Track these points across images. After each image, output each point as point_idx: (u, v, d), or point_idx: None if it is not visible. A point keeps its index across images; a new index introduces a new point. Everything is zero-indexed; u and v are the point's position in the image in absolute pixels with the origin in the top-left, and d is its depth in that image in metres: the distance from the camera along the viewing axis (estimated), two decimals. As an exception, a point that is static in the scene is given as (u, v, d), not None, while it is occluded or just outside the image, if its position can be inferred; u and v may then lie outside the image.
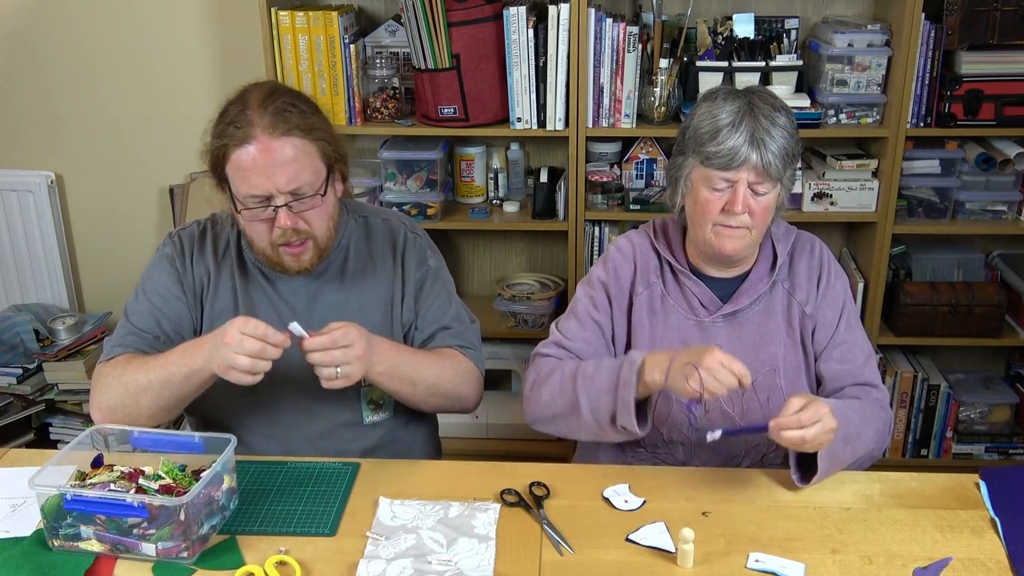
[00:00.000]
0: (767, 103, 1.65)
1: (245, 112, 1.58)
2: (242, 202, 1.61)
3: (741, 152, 1.60)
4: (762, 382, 1.75)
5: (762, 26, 2.76)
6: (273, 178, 1.57)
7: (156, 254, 1.80)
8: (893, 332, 2.83)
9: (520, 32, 2.60)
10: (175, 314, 1.75)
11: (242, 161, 1.57)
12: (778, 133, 1.62)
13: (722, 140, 1.61)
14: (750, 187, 1.63)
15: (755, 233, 1.69)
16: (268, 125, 1.57)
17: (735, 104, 1.64)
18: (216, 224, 1.82)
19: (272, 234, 1.63)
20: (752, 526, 1.50)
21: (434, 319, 1.81)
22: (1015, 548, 1.44)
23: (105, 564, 1.42)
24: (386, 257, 1.81)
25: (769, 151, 1.60)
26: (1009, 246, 2.97)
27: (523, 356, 3.00)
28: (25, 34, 3.06)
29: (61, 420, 3.01)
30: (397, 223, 1.85)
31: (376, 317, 1.78)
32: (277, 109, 1.58)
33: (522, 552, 1.44)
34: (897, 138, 2.62)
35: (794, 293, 1.79)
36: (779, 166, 1.62)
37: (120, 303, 3.24)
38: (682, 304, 1.79)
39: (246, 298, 1.76)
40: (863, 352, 1.79)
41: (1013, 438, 2.99)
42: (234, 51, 3.02)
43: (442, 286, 1.84)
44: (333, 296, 1.77)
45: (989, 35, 2.54)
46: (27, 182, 3.16)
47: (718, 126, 1.62)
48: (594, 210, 2.79)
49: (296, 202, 1.60)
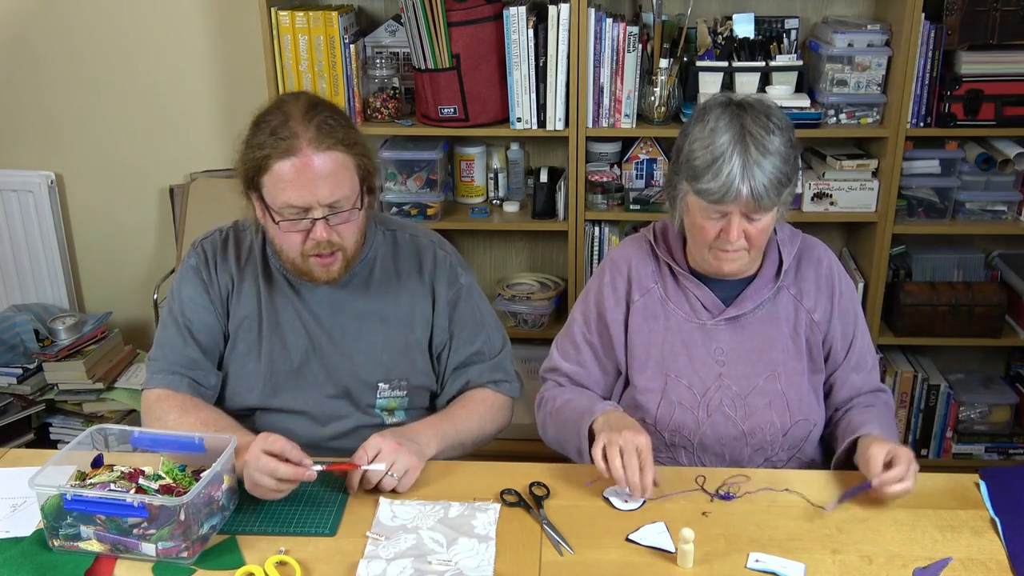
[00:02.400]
0: (760, 125, 1.59)
1: (288, 123, 1.58)
2: (278, 212, 1.61)
3: (732, 189, 1.56)
4: (763, 387, 1.74)
5: (762, 26, 2.76)
6: (315, 191, 1.58)
7: (183, 266, 1.80)
8: (893, 332, 2.83)
9: (520, 32, 2.60)
10: (205, 325, 1.76)
11: (284, 172, 1.57)
12: (770, 163, 1.57)
13: (712, 176, 1.57)
14: (744, 215, 1.62)
15: (754, 252, 1.69)
16: (313, 139, 1.57)
17: (727, 135, 1.58)
18: (239, 231, 1.82)
19: (305, 245, 1.64)
20: (752, 526, 1.50)
21: (467, 342, 1.83)
22: (1015, 548, 1.44)
23: (105, 564, 1.42)
24: (412, 273, 1.81)
25: (760, 184, 1.56)
26: (1009, 246, 2.97)
27: (523, 356, 3.00)
28: (25, 35, 3.06)
29: (61, 420, 3.01)
30: (426, 240, 1.85)
31: (396, 331, 1.79)
32: (320, 122, 1.59)
33: (522, 552, 1.44)
34: (897, 138, 2.62)
35: (801, 299, 1.77)
36: (772, 195, 1.58)
37: (120, 303, 3.30)
38: (684, 307, 1.78)
39: (270, 305, 1.77)
40: (872, 356, 1.82)
41: (1013, 438, 2.99)
42: (234, 51, 3.02)
43: (475, 304, 1.85)
44: (356, 306, 1.77)
45: (989, 35, 2.54)
46: (27, 182, 3.16)
47: (709, 159, 1.58)
48: (594, 210, 2.79)
49: (333, 215, 1.61)
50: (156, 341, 1.79)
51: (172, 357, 1.75)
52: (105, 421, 2.95)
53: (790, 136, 1.63)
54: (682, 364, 1.75)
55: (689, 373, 1.75)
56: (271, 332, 1.76)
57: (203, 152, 3.15)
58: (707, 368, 1.75)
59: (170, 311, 1.78)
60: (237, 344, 1.77)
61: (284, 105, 1.63)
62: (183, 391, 1.72)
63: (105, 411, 2.98)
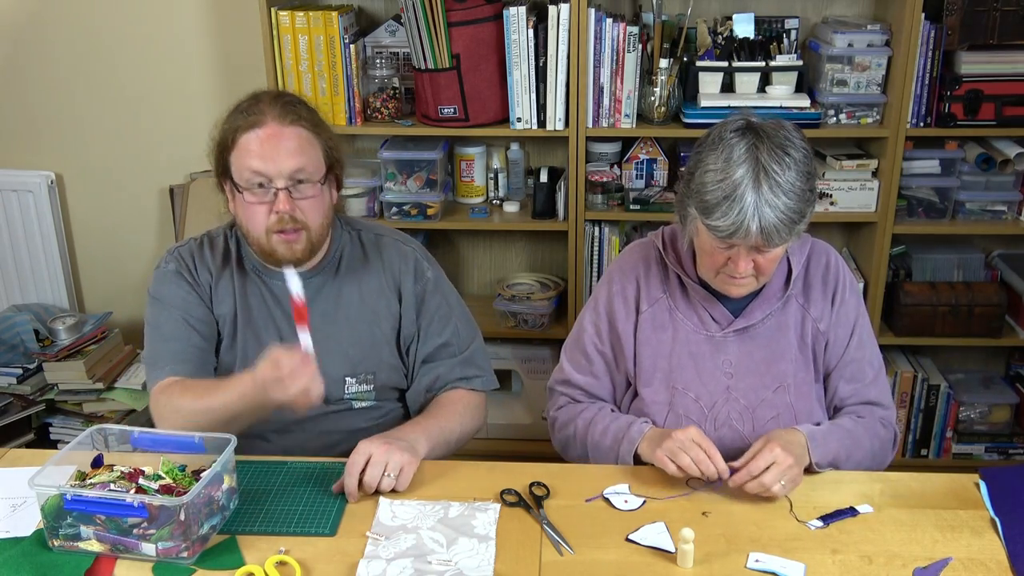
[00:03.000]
0: (776, 159, 1.53)
1: (258, 104, 1.68)
2: (244, 184, 1.67)
3: (742, 229, 1.52)
4: (772, 399, 1.73)
5: (762, 26, 2.76)
6: (278, 161, 1.64)
7: (159, 273, 1.81)
8: (893, 332, 2.83)
9: (520, 32, 2.60)
10: (201, 314, 1.79)
11: (250, 143, 1.66)
12: (783, 203, 1.52)
13: (723, 215, 1.53)
14: (754, 247, 1.58)
15: (762, 279, 1.66)
16: (278, 114, 1.67)
17: (741, 169, 1.53)
18: (213, 237, 1.86)
19: (269, 219, 1.67)
20: (752, 526, 1.50)
21: (435, 334, 1.85)
22: (1015, 548, 1.44)
23: (105, 564, 1.42)
24: (377, 270, 1.84)
25: (770, 224, 1.52)
26: (1009, 246, 2.97)
27: (523, 356, 3.01)
28: (25, 34, 3.06)
29: (61, 420, 3.01)
30: (389, 238, 1.88)
31: (362, 326, 1.82)
32: (287, 103, 1.70)
33: (522, 552, 1.44)
34: (897, 138, 2.62)
35: (808, 309, 1.75)
36: (784, 234, 1.54)
37: (120, 303, 3.30)
38: (692, 318, 1.75)
39: (244, 301, 1.80)
40: (873, 368, 1.78)
41: (1013, 438, 2.99)
42: (234, 51, 3.02)
43: (442, 297, 1.87)
44: (322, 304, 1.80)
45: (989, 35, 2.54)
46: (27, 182, 3.15)
47: (720, 196, 1.53)
48: (594, 210, 2.79)
49: (295, 187, 1.67)
50: (149, 342, 1.79)
51: (175, 347, 1.75)
52: (105, 421, 2.94)
53: (808, 169, 1.57)
54: (689, 377, 1.74)
55: (697, 386, 1.74)
56: (245, 327, 1.79)
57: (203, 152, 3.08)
58: (715, 381, 1.73)
59: (160, 312, 1.78)
60: (219, 339, 1.81)
61: (255, 93, 1.73)
62: (189, 375, 1.73)
63: (105, 411, 2.98)
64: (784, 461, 1.52)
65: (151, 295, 1.80)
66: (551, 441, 1.89)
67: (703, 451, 1.55)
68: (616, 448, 1.69)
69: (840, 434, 1.67)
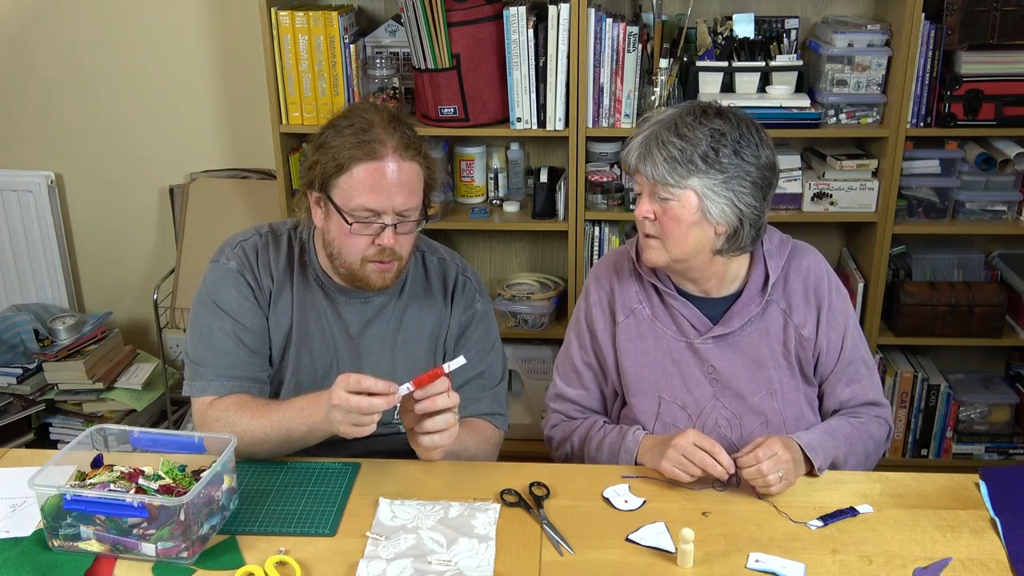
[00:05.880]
0: (700, 127, 1.59)
1: (372, 129, 1.61)
2: (351, 214, 1.62)
3: (632, 148, 1.64)
4: (759, 406, 1.73)
5: (762, 26, 2.76)
6: (392, 197, 1.61)
7: (217, 269, 1.75)
8: (893, 332, 2.83)
9: (520, 32, 2.60)
10: (256, 326, 1.74)
11: (365, 176, 1.60)
12: (677, 145, 1.59)
13: (629, 141, 1.66)
14: (653, 195, 1.63)
15: (670, 246, 1.65)
16: (399, 146, 1.61)
17: (667, 115, 1.64)
18: (277, 235, 1.80)
19: (368, 250, 1.65)
20: (752, 526, 1.50)
21: (470, 363, 1.79)
22: (1015, 548, 1.44)
23: (105, 564, 1.42)
24: (438, 296, 1.82)
25: (655, 160, 1.60)
26: (1009, 246, 2.97)
27: (523, 356, 3.01)
28: (25, 35, 3.06)
29: (61, 420, 3.02)
30: (451, 263, 1.86)
31: (420, 352, 1.80)
32: (404, 132, 1.64)
33: (522, 552, 1.44)
34: (897, 138, 2.62)
35: (791, 315, 1.73)
36: (664, 174, 1.59)
37: (120, 303, 3.30)
38: (671, 327, 1.75)
39: (302, 314, 1.76)
40: (867, 366, 1.78)
41: (1013, 438, 2.99)
42: (234, 51, 3.02)
43: (485, 330, 1.85)
44: (383, 326, 1.78)
45: (989, 35, 2.54)
46: (27, 182, 3.16)
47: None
48: (594, 210, 2.79)
49: (401, 223, 1.64)
50: (197, 342, 1.73)
51: (223, 361, 1.71)
52: (105, 421, 2.95)
53: (735, 149, 1.59)
54: (675, 385, 1.74)
55: (683, 394, 1.74)
56: (300, 340, 1.76)
57: (203, 152, 3.15)
58: (700, 389, 1.74)
59: (213, 317, 1.72)
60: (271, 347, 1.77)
61: (363, 113, 1.65)
62: (246, 393, 1.70)
63: (105, 411, 2.98)
64: (784, 456, 1.54)
65: (206, 293, 1.73)
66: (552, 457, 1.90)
67: (706, 453, 1.55)
68: (614, 461, 1.71)
69: (834, 442, 1.68)
